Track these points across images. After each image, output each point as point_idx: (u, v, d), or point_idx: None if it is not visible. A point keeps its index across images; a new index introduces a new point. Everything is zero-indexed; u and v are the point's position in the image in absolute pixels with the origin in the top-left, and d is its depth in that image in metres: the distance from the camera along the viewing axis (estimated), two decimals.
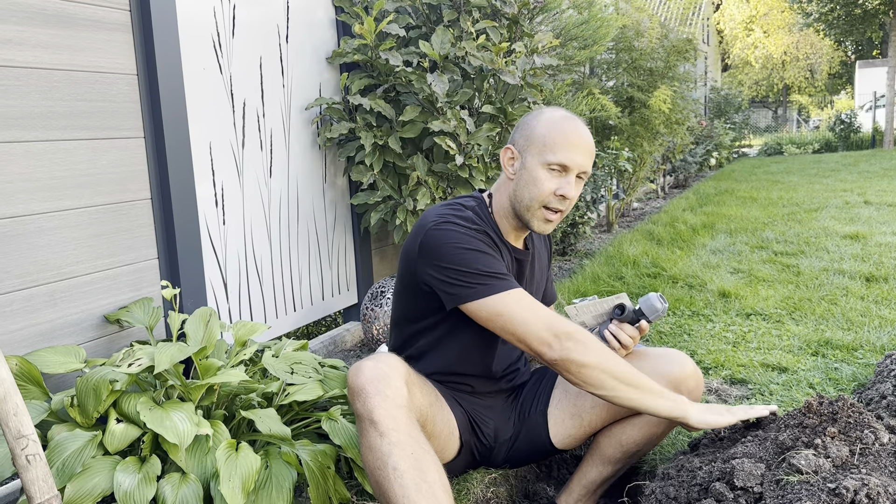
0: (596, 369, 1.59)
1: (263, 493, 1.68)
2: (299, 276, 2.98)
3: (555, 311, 1.74)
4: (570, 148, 1.72)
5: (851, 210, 6.73)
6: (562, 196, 1.73)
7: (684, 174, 10.69)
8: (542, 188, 1.73)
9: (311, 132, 3.01)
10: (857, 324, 3.21)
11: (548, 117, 1.77)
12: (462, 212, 1.80)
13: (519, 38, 3.28)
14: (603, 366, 1.60)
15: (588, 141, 1.76)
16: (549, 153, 1.72)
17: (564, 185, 1.73)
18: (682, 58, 6.80)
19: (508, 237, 1.87)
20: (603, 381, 1.59)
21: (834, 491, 1.38)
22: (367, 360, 1.57)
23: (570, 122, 1.76)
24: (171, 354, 1.71)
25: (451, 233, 1.71)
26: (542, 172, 1.73)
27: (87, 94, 2.03)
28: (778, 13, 30.45)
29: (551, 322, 1.63)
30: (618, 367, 1.61)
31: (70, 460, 1.57)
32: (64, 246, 1.99)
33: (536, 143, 1.75)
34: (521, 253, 1.90)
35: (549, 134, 1.73)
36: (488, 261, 1.69)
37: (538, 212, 1.76)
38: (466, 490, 1.91)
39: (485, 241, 1.74)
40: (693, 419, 1.64)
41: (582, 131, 1.76)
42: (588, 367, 1.59)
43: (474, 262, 1.68)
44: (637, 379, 1.63)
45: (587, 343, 1.61)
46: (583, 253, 5.42)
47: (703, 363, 2.83)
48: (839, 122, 18.49)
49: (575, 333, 1.61)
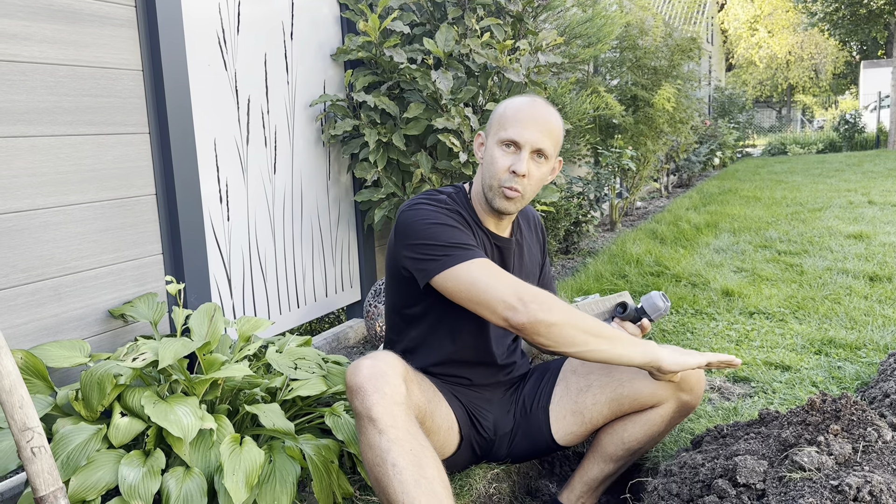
0: (565, 326, 1.57)
1: (267, 488, 1.68)
2: (303, 273, 2.99)
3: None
4: (520, 124, 1.73)
5: (855, 210, 6.72)
6: (513, 172, 1.73)
7: (688, 173, 10.68)
8: (498, 166, 1.75)
9: (315, 129, 3.01)
10: (861, 323, 3.20)
11: (508, 101, 1.80)
12: (436, 196, 1.84)
13: (523, 36, 3.28)
14: (571, 321, 1.58)
15: (544, 118, 1.75)
16: (502, 130, 1.75)
17: (516, 161, 1.73)
18: (687, 57, 6.79)
19: (487, 224, 1.87)
20: (574, 336, 1.58)
21: (836, 488, 1.38)
22: (364, 358, 1.57)
23: (527, 102, 1.77)
24: (176, 349, 1.72)
25: (420, 211, 1.75)
26: (498, 151, 1.75)
27: (93, 89, 2.04)
28: (782, 13, 30.39)
29: (516, 286, 1.61)
30: (585, 321, 1.60)
31: (75, 453, 1.57)
32: (69, 241, 2.00)
33: (494, 124, 1.78)
34: (502, 240, 1.89)
35: (505, 113, 1.76)
36: (454, 233, 1.70)
37: (498, 189, 1.76)
38: (469, 486, 1.92)
39: (454, 217, 1.75)
40: (665, 362, 1.64)
41: (538, 110, 1.76)
42: (557, 325, 1.57)
43: (441, 234, 1.70)
44: (605, 330, 1.62)
45: (552, 303, 1.59)
46: (586, 251, 5.42)
47: None
48: (843, 123, 18.44)
49: (540, 295, 1.60)
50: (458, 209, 1.81)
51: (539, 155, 1.76)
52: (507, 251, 1.91)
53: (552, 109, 1.79)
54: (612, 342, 1.61)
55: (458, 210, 1.80)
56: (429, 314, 1.86)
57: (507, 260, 1.92)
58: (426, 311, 1.86)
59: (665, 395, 1.84)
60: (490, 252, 1.87)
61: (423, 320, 1.89)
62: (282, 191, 2.83)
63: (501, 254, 1.90)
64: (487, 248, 1.86)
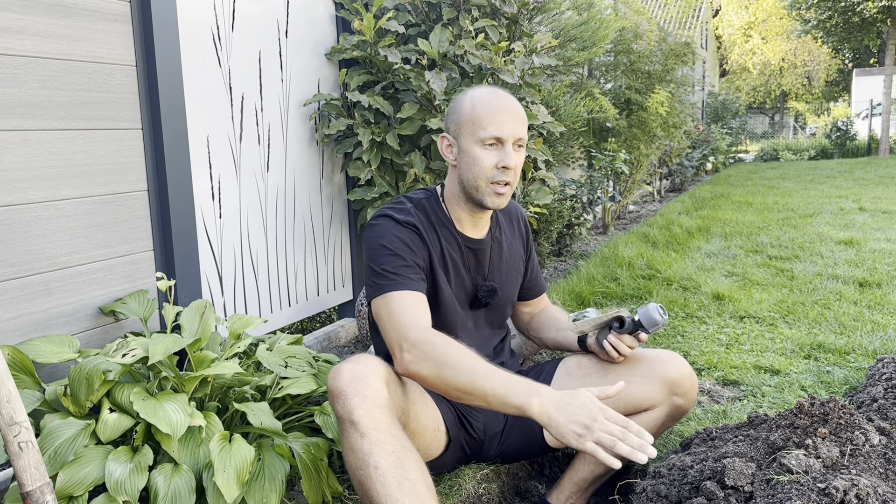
0: (437, 380, 1.54)
1: (256, 485, 1.68)
2: (295, 272, 2.98)
3: (424, 313, 1.68)
4: (498, 120, 1.74)
5: (846, 216, 6.75)
6: (504, 167, 1.75)
7: (680, 178, 10.71)
8: (483, 165, 1.75)
9: (309, 128, 3.01)
10: (850, 328, 3.22)
11: (471, 97, 1.79)
12: (402, 205, 1.85)
13: (518, 38, 3.29)
14: (442, 376, 1.53)
15: (515, 108, 1.77)
16: (481, 130, 1.74)
17: (503, 156, 1.75)
18: (680, 61, 6.82)
19: (463, 226, 1.88)
20: (447, 392, 1.55)
21: (824, 491, 1.39)
22: (345, 362, 1.58)
23: (493, 95, 1.77)
24: (166, 345, 1.72)
25: (375, 228, 1.79)
26: (480, 150, 1.75)
27: (86, 84, 2.03)
28: (776, 20, 30.54)
29: (401, 330, 1.60)
30: (458, 371, 1.51)
31: (62, 448, 1.57)
32: (59, 236, 1.99)
33: (467, 125, 1.77)
34: (475, 242, 1.90)
35: (475, 112, 1.75)
36: (391, 260, 1.72)
37: (487, 188, 1.77)
38: (458, 486, 1.92)
39: (404, 236, 1.76)
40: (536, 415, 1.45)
41: (507, 101, 1.77)
42: (427, 378, 1.56)
43: (380, 259, 1.73)
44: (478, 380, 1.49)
45: (430, 352, 1.55)
46: (578, 254, 5.43)
47: (696, 364, 2.84)
48: (835, 130, 18.54)
49: (419, 344, 1.57)
50: (420, 218, 1.82)
51: (519, 144, 1.79)
52: (481, 252, 1.91)
53: (512, 97, 1.81)
54: (487, 396, 1.49)
55: (415, 225, 1.80)
56: None
57: (482, 261, 1.92)
58: None
59: (659, 398, 1.85)
60: (462, 255, 1.87)
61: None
62: (275, 189, 2.83)
63: (476, 255, 1.91)
64: (456, 252, 1.86)
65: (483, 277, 1.93)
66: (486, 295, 1.93)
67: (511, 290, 2.02)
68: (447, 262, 1.85)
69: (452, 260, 1.86)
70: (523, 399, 1.45)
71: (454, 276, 1.87)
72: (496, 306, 1.98)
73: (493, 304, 1.97)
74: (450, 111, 1.84)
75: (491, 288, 1.93)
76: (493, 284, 1.94)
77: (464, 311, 1.92)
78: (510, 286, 2.01)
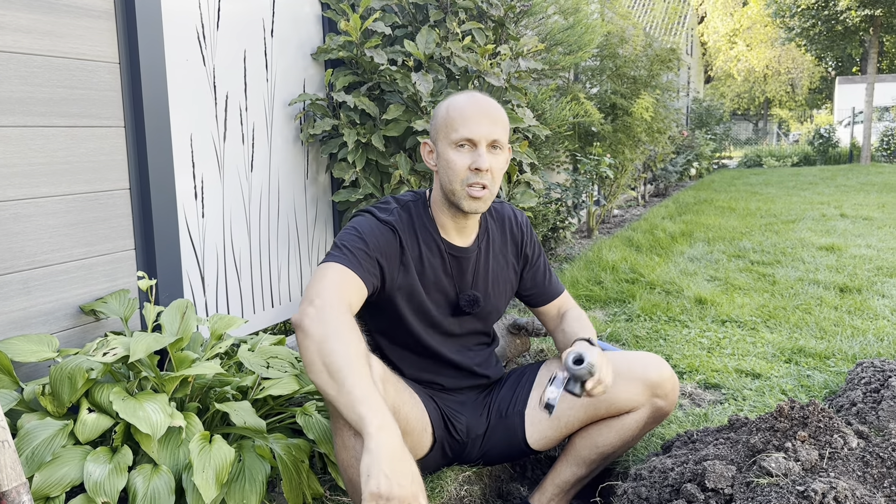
0: (311, 344, 1.46)
1: (236, 486, 1.67)
2: (278, 272, 2.97)
3: (354, 296, 1.62)
4: (469, 121, 1.73)
5: (828, 222, 6.82)
6: (476, 169, 1.72)
7: (665, 183, 10.78)
8: (456, 167, 1.73)
9: (294, 128, 3.00)
10: (830, 333, 3.25)
11: (448, 102, 1.79)
12: (388, 205, 1.84)
13: (504, 41, 3.29)
14: (322, 345, 1.45)
15: (490, 110, 1.75)
16: (453, 132, 1.74)
17: (476, 157, 1.72)
18: (665, 67, 6.86)
19: (448, 233, 1.86)
20: (312, 361, 1.46)
21: (802, 494, 1.40)
22: None
23: (468, 99, 1.76)
24: (147, 344, 1.70)
25: (357, 219, 1.79)
26: (453, 153, 1.74)
27: (68, 80, 2.01)
28: (761, 27, 30.82)
29: (322, 290, 1.55)
30: (333, 355, 1.43)
31: (40, 449, 1.55)
32: (39, 233, 1.97)
33: (441, 128, 1.77)
34: (459, 250, 1.87)
35: (448, 115, 1.75)
36: (355, 242, 1.70)
37: (462, 191, 1.75)
38: (440, 488, 1.91)
39: (379, 233, 1.75)
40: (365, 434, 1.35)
41: (480, 102, 1.76)
42: (309, 339, 1.47)
43: (345, 238, 1.72)
44: (346, 376, 1.41)
45: (326, 319, 1.48)
46: (563, 257, 5.44)
47: (678, 367, 2.86)
48: (818, 137, 18.75)
49: (327, 307, 1.50)
50: (402, 220, 1.81)
51: (494, 146, 1.76)
52: (465, 260, 1.89)
53: (492, 99, 1.80)
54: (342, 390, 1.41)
55: (396, 223, 1.78)
56: (383, 314, 1.87)
57: (466, 269, 1.90)
58: (381, 310, 1.86)
59: (640, 401, 1.86)
60: (444, 262, 1.86)
61: (381, 318, 1.90)
62: (258, 189, 2.81)
63: (459, 263, 1.89)
64: (437, 258, 1.85)
65: (468, 286, 1.92)
66: (468, 304, 1.91)
67: (498, 300, 1.99)
68: (424, 266, 1.83)
69: (431, 265, 1.84)
70: (369, 415, 1.35)
71: (433, 282, 1.86)
72: (480, 315, 1.97)
73: (477, 314, 1.96)
74: (432, 118, 1.83)
75: (473, 297, 1.91)
76: (476, 294, 1.92)
77: (444, 318, 1.91)
78: (496, 296, 1.98)
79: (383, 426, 1.34)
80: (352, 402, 1.38)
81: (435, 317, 1.88)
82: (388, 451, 1.31)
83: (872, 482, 1.51)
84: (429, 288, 1.85)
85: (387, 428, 1.34)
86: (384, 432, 1.33)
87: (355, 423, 1.37)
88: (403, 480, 1.29)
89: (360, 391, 1.39)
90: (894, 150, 17.23)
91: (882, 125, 17.91)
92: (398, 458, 1.31)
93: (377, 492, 1.27)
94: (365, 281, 1.67)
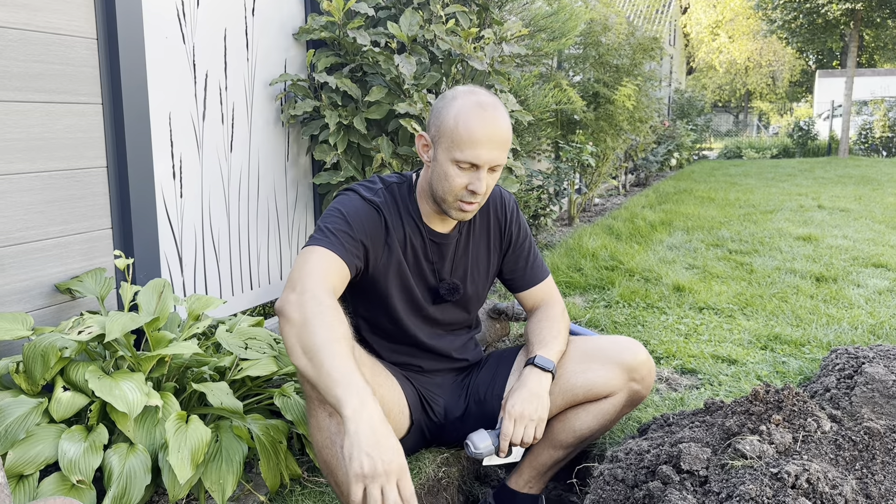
0: (293, 331, 1.47)
1: (213, 467, 1.66)
2: (257, 255, 2.95)
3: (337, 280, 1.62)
4: (477, 145, 1.66)
5: (805, 213, 6.89)
6: (472, 191, 1.70)
7: (645, 173, 10.83)
8: (453, 184, 1.70)
9: (275, 108, 2.97)
10: (806, 321, 3.29)
11: (458, 108, 1.68)
12: (373, 184, 1.83)
13: (488, 25, 3.28)
14: (300, 331, 1.46)
15: (499, 133, 1.68)
16: (457, 150, 1.67)
17: (474, 180, 1.69)
18: (648, 56, 6.88)
19: (430, 219, 1.85)
20: (293, 345, 1.46)
21: (776, 475, 1.42)
22: None
23: (479, 116, 1.66)
24: (123, 323, 1.68)
25: (341, 198, 1.77)
26: (452, 169, 1.69)
27: (44, 55, 1.98)
28: (743, 19, 30.99)
29: (305, 277, 1.55)
30: (312, 338, 1.43)
31: (13, 426, 1.53)
32: (14, 210, 1.94)
33: (446, 138, 1.69)
34: (439, 236, 1.87)
35: (457, 129, 1.66)
36: (339, 224, 1.69)
37: (454, 203, 1.74)
38: (418, 469, 1.92)
39: (363, 213, 1.74)
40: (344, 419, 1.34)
41: (492, 124, 1.67)
42: (290, 324, 1.48)
43: (329, 220, 1.71)
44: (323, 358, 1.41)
45: (306, 305, 1.48)
46: (543, 244, 5.45)
47: (655, 353, 2.88)
48: (798, 130, 18.92)
49: (308, 293, 1.51)
50: (387, 200, 1.79)
51: (494, 169, 1.73)
52: (445, 246, 1.89)
53: (501, 112, 1.70)
54: (321, 372, 1.40)
55: (381, 203, 1.77)
56: (365, 295, 1.87)
57: (446, 255, 1.90)
58: (362, 290, 1.86)
59: (618, 385, 1.86)
60: (424, 246, 1.86)
61: (363, 299, 1.90)
62: (238, 170, 2.79)
63: (440, 249, 1.89)
64: (419, 242, 1.85)
65: (448, 272, 1.92)
66: (448, 292, 1.91)
67: (477, 286, 1.99)
68: (408, 250, 1.84)
69: (413, 249, 1.84)
70: (346, 396, 1.34)
71: (414, 266, 1.86)
72: (460, 303, 1.97)
73: (457, 301, 1.96)
74: (434, 110, 1.75)
75: (452, 285, 1.92)
76: (456, 282, 1.92)
77: (426, 303, 1.91)
78: (476, 282, 1.98)
79: (362, 406, 1.33)
80: (329, 385, 1.37)
81: (419, 300, 1.88)
82: (367, 430, 1.30)
83: (844, 464, 1.53)
84: (411, 270, 1.85)
85: (365, 407, 1.33)
86: (363, 412, 1.32)
87: (334, 405, 1.36)
88: (386, 456, 1.28)
89: (339, 373, 1.38)
90: (872, 144, 17.43)
91: (860, 119, 18.09)
92: (379, 435, 1.30)
93: (361, 472, 1.27)
94: (348, 264, 1.67)
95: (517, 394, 1.75)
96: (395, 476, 1.28)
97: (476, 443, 1.73)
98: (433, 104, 1.79)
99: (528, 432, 1.72)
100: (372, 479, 1.27)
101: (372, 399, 1.36)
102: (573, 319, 3.28)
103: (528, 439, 1.72)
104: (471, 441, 1.73)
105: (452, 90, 1.76)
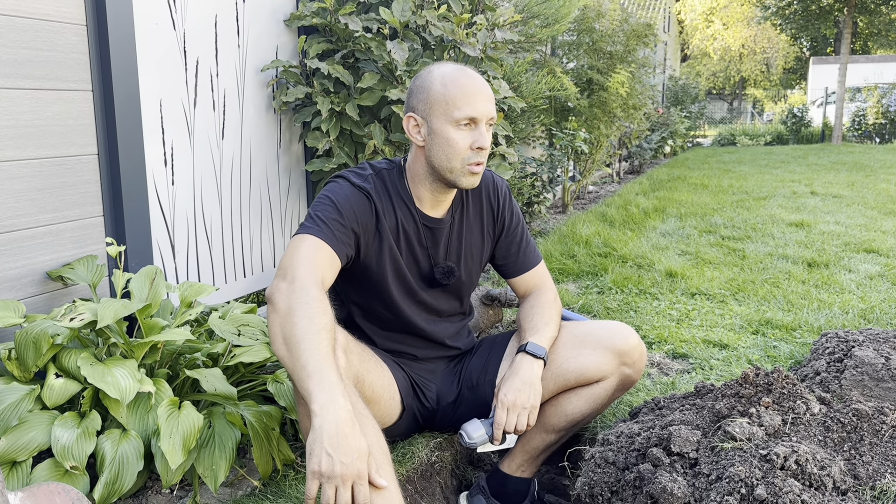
0: (278, 317, 1.47)
1: (206, 452, 1.67)
2: (250, 242, 2.95)
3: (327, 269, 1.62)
4: (472, 99, 1.70)
5: (798, 200, 6.91)
6: (479, 148, 1.73)
7: (639, 160, 10.83)
8: (458, 147, 1.72)
9: (267, 95, 2.96)
10: (797, 306, 3.31)
11: (440, 75, 1.73)
12: (363, 171, 1.83)
13: (481, 11, 3.27)
14: (284, 320, 1.46)
15: (486, 87, 1.75)
16: (455, 109, 1.70)
17: (478, 136, 1.72)
18: (642, 42, 6.86)
19: (423, 204, 1.85)
20: (275, 334, 1.47)
21: (765, 457, 1.43)
22: None
23: (464, 74, 1.73)
24: (115, 310, 1.68)
25: (331, 185, 1.77)
26: (454, 132, 1.72)
27: (33, 41, 1.96)
28: (738, 6, 30.94)
29: (296, 266, 1.55)
30: (293, 329, 1.43)
31: (6, 413, 1.54)
32: (5, 198, 1.93)
33: (439, 104, 1.72)
34: (432, 220, 1.87)
35: (447, 92, 1.71)
36: (329, 212, 1.69)
37: (463, 169, 1.74)
38: (411, 454, 1.93)
39: (354, 200, 1.74)
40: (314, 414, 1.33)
41: (477, 80, 1.74)
42: (275, 311, 1.48)
43: (319, 208, 1.71)
44: (301, 350, 1.41)
45: (294, 295, 1.49)
46: (537, 231, 5.46)
47: (647, 338, 2.89)
48: (791, 116, 18.94)
49: (298, 282, 1.51)
50: (377, 186, 1.79)
51: (490, 124, 1.76)
52: (439, 231, 1.89)
53: (480, 75, 1.78)
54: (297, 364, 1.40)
55: (371, 189, 1.77)
56: (354, 282, 1.87)
57: (439, 240, 1.90)
58: (352, 279, 1.86)
59: (609, 369, 1.87)
60: (418, 232, 1.86)
61: (360, 301, 1.90)
62: (230, 157, 2.78)
63: (433, 234, 1.89)
64: (412, 228, 1.84)
65: (443, 257, 1.91)
66: (443, 275, 1.91)
67: (471, 271, 1.99)
68: (400, 236, 1.83)
69: (406, 235, 1.84)
70: (316, 390, 1.34)
71: (406, 252, 1.86)
72: (454, 287, 1.97)
73: (451, 285, 1.96)
74: (415, 90, 1.77)
75: (448, 268, 1.92)
76: (451, 265, 1.92)
77: (420, 289, 1.91)
78: (469, 266, 1.98)
79: (331, 402, 1.33)
80: (303, 377, 1.38)
81: (413, 285, 1.88)
82: (331, 427, 1.29)
83: (833, 446, 1.55)
84: (403, 256, 1.85)
85: (334, 404, 1.32)
86: (330, 408, 1.32)
87: (305, 398, 1.36)
88: (346, 458, 1.28)
89: (313, 366, 1.38)
90: (865, 131, 17.46)
91: (854, 106, 18.12)
92: (343, 436, 1.29)
93: (318, 470, 1.27)
94: (339, 252, 1.67)
95: (509, 382, 1.76)
96: (352, 480, 1.28)
97: (470, 433, 1.75)
98: (409, 87, 1.81)
99: (521, 420, 1.74)
100: (328, 478, 1.27)
101: (343, 396, 1.35)
102: (566, 305, 3.29)
103: (522, 427, 1.74)
104: (465, 431, 1.75)
105: (423, 69, 1.80)
